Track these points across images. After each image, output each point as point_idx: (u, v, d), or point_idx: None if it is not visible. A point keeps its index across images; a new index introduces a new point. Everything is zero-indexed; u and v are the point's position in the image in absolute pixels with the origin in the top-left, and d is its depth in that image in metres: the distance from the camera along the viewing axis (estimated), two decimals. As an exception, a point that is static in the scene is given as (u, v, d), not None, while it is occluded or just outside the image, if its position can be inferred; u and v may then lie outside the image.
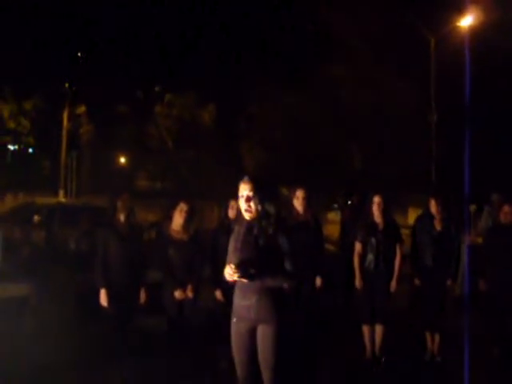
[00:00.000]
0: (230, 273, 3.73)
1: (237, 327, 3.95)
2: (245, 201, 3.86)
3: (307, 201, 6.33)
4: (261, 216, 3.86)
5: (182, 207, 5.76)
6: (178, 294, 5.59)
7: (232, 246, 4.00)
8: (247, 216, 3.90)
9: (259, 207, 3.85)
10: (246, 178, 3.92)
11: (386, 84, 23.92)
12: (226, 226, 5.66)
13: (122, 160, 40.26)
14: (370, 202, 6.26)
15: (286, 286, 3.88)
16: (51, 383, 5.35)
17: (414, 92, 23.40)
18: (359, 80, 25.31)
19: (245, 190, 3.87)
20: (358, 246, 6.30)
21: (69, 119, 31.66)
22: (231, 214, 5.85)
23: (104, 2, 23.88)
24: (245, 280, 3.77)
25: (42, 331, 6.55)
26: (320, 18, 24.90)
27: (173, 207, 5.83)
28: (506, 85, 21.95)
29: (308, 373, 5.70)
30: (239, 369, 3.96)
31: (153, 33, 25.10)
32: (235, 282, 3.84)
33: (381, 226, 6.21)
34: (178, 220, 5.76)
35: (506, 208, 6.41)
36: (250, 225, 3.91)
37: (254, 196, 3.84)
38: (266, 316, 3.82)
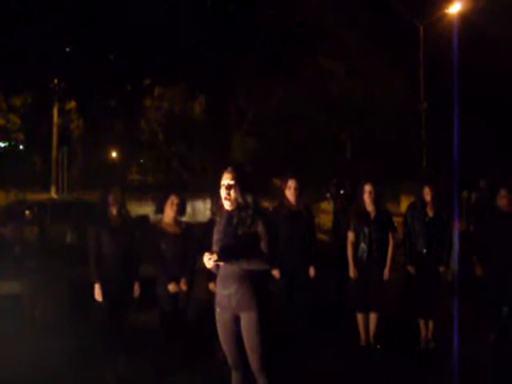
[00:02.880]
0: (207, 259, 3.82)
1: (221, 316, 4.05)
2: (225, 188, 3.95)
3: (299, 191, 6.35)
4: (240, 206, 3.95)
5: (173, 200, 5.75)
6: (171, 287, 5.59)
7: (215, 237, 4.09)
8: (226, 205, 3.99)
9: (239, 197, 3.94)
10: (229, 168, 4.01)
11: (375, 72, 23.92)
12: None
13: (114, 154, 40.17)
14: (361, 191, 6.28)
15: (263, 268, 3.96)
16: (47, 379, 5.35)
17: (403, 80, 23.42)
18: (348, 69, 25.29)
19: (226, 178, 3.97)
20: (350, 235, 6.32)
21: (59, 115, 31.50)
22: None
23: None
24: (222, 263, 3.86)
25: (36, 328, 6.55)
26: (307, 8, 24.83)
27: (164, 200, 5.83)
28: (494, 71, 22.00)
29: (301, 360, 5.73)
30: (229, 357, 4.07)
31: (140, 25, 24.91)
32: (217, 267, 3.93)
33: (373, 215, 6.24)
34: (169, 213, 5.76)
35: (502, 192, 6.35)
36: (230, 215, 4.00)
37: (234, 185, 3.94)
38: (247, 304, 3.90)
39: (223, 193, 3.97)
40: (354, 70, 24.86)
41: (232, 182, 3.94)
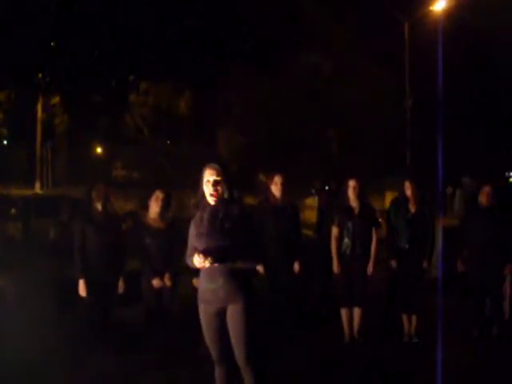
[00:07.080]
0: (199, 261, 3.79)
1: (205, 312, 4.05)
2: (212, 185, 3.94)
3: (285, 187, 6.37)
4: (226, 201, 3.96)
5: (158, 195, 5.77)
6: (155, 282, 5.60)
7: (195, 231, 4.06)
8: (212, 201, 3.98)
9: (225, 192, 3.94)
10: (212, 164, 4.00)
11: (361, 69, 24.00)
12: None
13: (99, 150, 39.99)
14: (346, 187, 6.31)
15: (253, 266, 4.04)
16: (31, 375, 5.33)
17: (388, 77, 23.52)
18: (334, 66, 25.37)
19: (211, 175, 3.96)
20: (334, 231, 6.35)
21: (43, 110, 31.24)
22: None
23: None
24: (215, 264, 3.84)
25: (20, 323, 6.51)
26: (293, 5, 24.86)
27: (149, 196, 5.84)
28: (480, 69, 22.17)
29: (286, 356, 5.75)
30: (213, 350, 4.08)
31: (125, 20, 24.82)
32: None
33: (357, 210, 6.27)
34: (154, 208, 5.77)
35: (486, 189, 6.45)
36: (214, 209, 3.98)
37: (221, 181, 3.94)
38: (234, 296, 3.92)
39: (210, 189, 3.95)
40: (340, 67, 24.94)
41: (218, 178, 3.94)
